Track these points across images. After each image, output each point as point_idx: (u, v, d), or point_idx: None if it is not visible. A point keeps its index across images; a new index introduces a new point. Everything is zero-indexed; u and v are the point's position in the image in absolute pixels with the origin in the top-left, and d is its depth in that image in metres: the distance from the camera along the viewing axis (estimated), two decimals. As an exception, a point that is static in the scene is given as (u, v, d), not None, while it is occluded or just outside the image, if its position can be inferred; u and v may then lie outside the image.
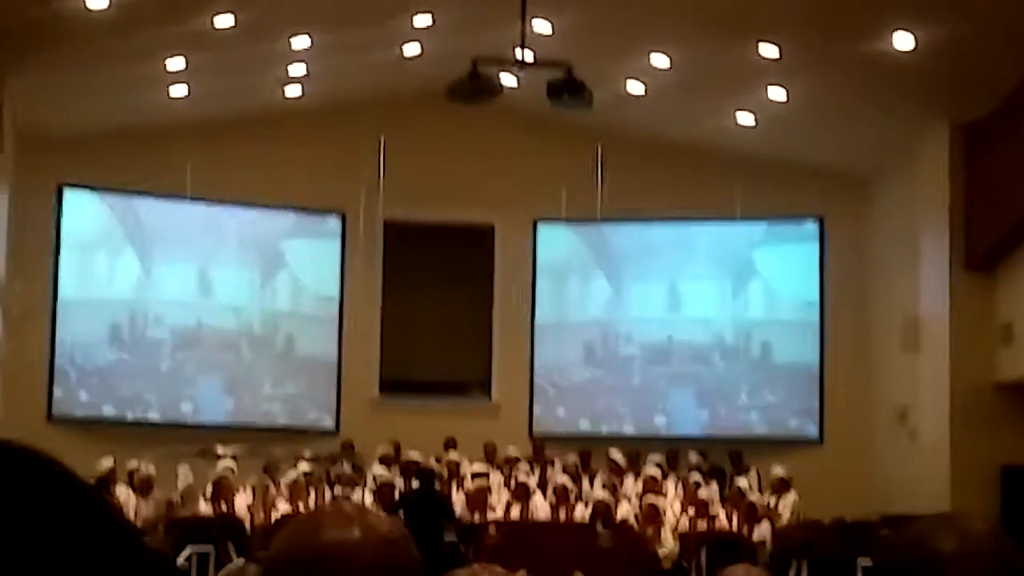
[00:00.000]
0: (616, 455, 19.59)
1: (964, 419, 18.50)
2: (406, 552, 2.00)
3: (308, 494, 17.77)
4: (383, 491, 17.69)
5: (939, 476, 18.68)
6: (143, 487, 17.40)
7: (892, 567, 2.41)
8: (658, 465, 19.21)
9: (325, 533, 1.96)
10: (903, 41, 16.57)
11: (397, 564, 2.01)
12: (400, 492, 17.99)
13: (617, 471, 19.31)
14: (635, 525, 17.88)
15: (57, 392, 21.04)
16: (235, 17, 16.96)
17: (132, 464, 17.70)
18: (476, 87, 16.40)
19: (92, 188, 21.32)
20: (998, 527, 2.41)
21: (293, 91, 20.98)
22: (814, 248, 22.53)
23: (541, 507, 18.25)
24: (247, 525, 17.05)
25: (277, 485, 17.96)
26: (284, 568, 2.01)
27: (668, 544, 17.81)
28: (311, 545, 1.98)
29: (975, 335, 18.58)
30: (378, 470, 18.49)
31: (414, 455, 18.94)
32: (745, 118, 20.66)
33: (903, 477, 20.06)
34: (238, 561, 9.12)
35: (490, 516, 17.99)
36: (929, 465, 19.08)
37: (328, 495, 17.94)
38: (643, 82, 20.20)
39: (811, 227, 22.58)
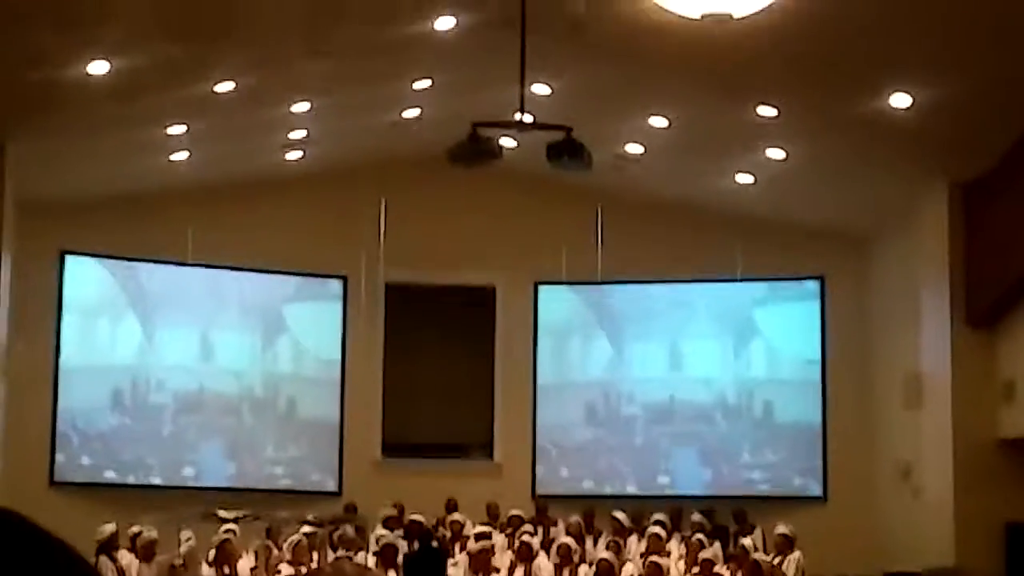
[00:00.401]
0: (619, 515, 19.56)
1: (967, 476, 18.43)
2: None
3: (311, 557, 17.70)
4: (386, 553, 17.64)
5: (943, 533, 18.60)
6: (146, 551, 17.33)
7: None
8: (662, 524, 19.16)
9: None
10: (901, 101, 16.61)
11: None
12: (404, 554, 17.95)
13: (620, 531, 19.29)
14: (639, 586, 17.82)
15: (59, 457, 21.01)
16: (235, 83, 17.02)
17: (134, 528, 17.64)
18: (476, 150, 16.40)
19: (93, 254, 21.36)
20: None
21: (294, 155, 21.03)
22: (815, 307, 22.54)
23: (545, 568, 18.17)
24: (250, 589, 17.00)
25: (280, 548, 17.92)
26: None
27: (672, 604, 17.75)
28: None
29: (977, 392, 18.54)
30: (381, 532, 18.45)
31: (417, 517, 18.92)
32: (744, 178, 20.70)
33: (907, 534, 19.98)
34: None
35: (494, 578, 17.94)
36: (933, 522, 19.00)
37: (331, 558, 17.87)
38: (642, 143, 20.26)
39: (812, 286, 22.60)
